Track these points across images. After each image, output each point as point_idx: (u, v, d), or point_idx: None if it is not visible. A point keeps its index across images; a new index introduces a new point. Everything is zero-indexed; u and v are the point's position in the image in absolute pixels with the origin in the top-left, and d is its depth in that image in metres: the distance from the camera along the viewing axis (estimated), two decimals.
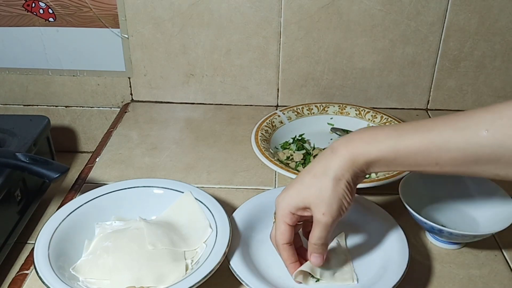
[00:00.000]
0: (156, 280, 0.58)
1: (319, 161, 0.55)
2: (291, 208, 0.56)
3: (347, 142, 0.54)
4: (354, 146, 0.53)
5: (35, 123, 0.93)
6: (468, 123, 0.50)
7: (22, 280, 0.63)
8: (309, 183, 0.54)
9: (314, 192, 0.54)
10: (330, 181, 0.53)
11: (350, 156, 0.53)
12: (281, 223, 0.57)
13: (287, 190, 0.57)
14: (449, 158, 0.50)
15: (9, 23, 1.03)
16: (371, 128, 0.55)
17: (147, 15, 1.00)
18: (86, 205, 0.67)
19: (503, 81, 1.04)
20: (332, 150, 0.54)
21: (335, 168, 0.53)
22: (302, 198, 0.55)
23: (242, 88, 1.07)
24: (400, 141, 0.51)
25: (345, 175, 0.53)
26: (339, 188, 0.53)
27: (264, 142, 0.85)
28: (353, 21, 0.98)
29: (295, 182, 0.56)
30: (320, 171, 0.54)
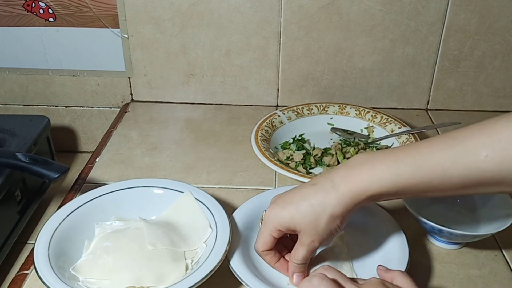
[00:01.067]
0: (156, 280, 0.58)
1: (317, 191, 0.54)
2: (280, 227, 0.56)
3: (346, 177, 0.53)
4: (354, 182, 0.52)
5: (35, 123, 0.93)
6: (467, 147, 0.48)
7: (22, 280, 0.63)
8: (305, 212, 0.54)
9: (308, 222, 0.54)
10: (326, 217, 0.53)
11: (350, 195, 0.52)
12: (267, 234, 0.57)
13: (280, 209, 0.56)
14: (451, 184, 0.49)
15: (9, 23, 1.03)
16: (369, 160, 0.53)
17: (147, 15, 1.00)
18: (86, 205, 0.67)
19: (503, 81, 1.04)
20: (332, 184, 0.53)
21: (333, 206, 0.53)
22: (295, 223, 0.54)
23: (242, 88, 1.07)
24: (400, 175, 0.51)
25: (342, 213, 0.53)
26: (334, 224, 0.54)
27: (264, 142, 0.85)
28: (353, 21, 0.98)
29: (290, 203, 0.55)
30: (317, 203, 0.53)
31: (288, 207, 0.55)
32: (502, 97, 1.05)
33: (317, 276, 0.48)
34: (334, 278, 0.49)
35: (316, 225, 0.53)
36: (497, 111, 1.07)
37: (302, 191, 0.55)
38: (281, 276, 0.61)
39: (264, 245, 0.58)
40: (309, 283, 0.48)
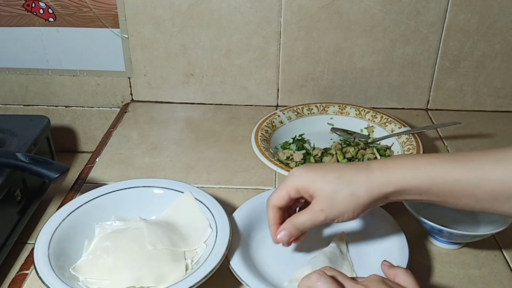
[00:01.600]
0: (156, 280, 0.58)
1: (351, 168, 0.54)
2: (300, 187, 0.56)
3: (383, 165, 0.53)
4: (389, 171, 0.52)
5: (35, 123, 0.93)
6: (509, 155, 0.49)
7: (22, 280, 0.63)
8: (329, 180, 0.54)
9: (327, 190, 0.54)
10: (346, 192, 0.53)
11: (380, 180, 0.52)
12: (284, 191, 0.57)
13: (307, 170, 0.56)
14: (487, 190, 0.49)
15: (9, 23, 1.03)
16: (411, 156, 0.55)
17: (147, 15, 1.00)
18: (86, 205, 0.67)
19: (503, 81, 1.04)
20: (367, 167, 0.54)
21: (360, 185, 0.53)
22: (314, 187, 0.54)
23: (242, 88, 1.07)
24: (438, 169, 0.51)
25: (366, 197, 0.53)
26: (351, 204, 0.53)
27: (264, 142, 0.85)
28: (353, 21, 0.98)
29: (319, 169, 0.56)
30: (346, 177, 0.53)
31: (315, 170, 0.55)
32: (502, 97, 1.05)
33: (315, 273, 0.48)
34: (332, 275, 0.49)
35: (333, 197, 0.53)
36: (497, 111, 1.07)
37: (336, 164, 0.57)
38: (281, 276, 0.61)
39: (278, 200, 0.57)
40: (308, 280, 0.48)
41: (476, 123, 1.02)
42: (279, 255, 0.64)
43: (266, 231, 0.67)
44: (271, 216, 0.59)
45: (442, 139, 0.96)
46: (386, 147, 0.88)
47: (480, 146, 0.93)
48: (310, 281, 0.48)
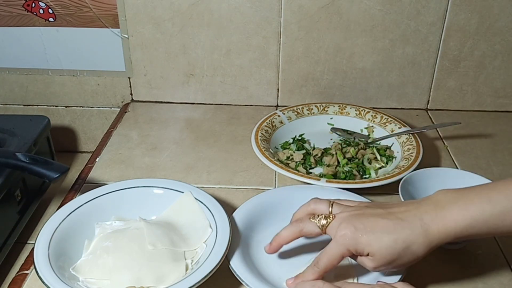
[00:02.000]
0: (156, 280, 0.58)
1: (404, 227, 0.53)
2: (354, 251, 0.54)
3: (437, 217, 0.52)
4: (445, 224, 0.52)
5: (35, 123, 0.93)
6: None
7: (22, 280, 0.63)
8: (387, 245, 0.52)
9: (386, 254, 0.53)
10: (407, 254, 0.53)
11: (439, 236, 0.52)
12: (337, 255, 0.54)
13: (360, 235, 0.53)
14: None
15: (9, 23, 1.03)
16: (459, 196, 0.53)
17: (147, 15, 1.00)
18: (86, 205, 0.67)
19: (503, 81, 1.04)
20: (421, 223, 0.52)
21: (418, 245, 0.52)
22: (370, 250, 0.53)
23: (242, 88, 1.07)
24: (494, 215, 0.51)
25: (425, 252, 0.53)
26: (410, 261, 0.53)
27: (264, 142, 0.85)
28: (353, 21, 0.98)
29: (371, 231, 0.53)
30: (402, 240, 0.52)
31: (368, 235, 0.53)
32: (502, 97, 1.05)
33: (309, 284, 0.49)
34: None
35: (393, 259, 0.53)
36: (497, 111, 1.07)
37: (387, 223, 0.53)
38: (281, 276, 0.61)
39: (330, 264, 0.55)
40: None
41: (476, 123, 1.02)
42: (279, 255, 0.64)
43: (266, 231, 0.67)
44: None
45: (442, 139, 0.96)
46: (386, 147, 0.88)
47: (480, 146, 0.93)
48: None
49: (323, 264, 0.55)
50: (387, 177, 0.75)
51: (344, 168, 0.82)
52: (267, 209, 0.69)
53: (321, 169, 0.83)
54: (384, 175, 0.77)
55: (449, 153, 0.91)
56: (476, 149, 0.92)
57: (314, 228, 0.57)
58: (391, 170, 0.80)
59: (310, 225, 0.58)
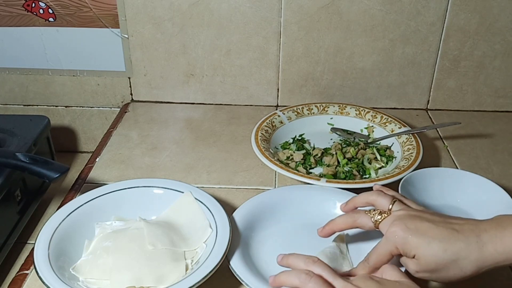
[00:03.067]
0: (156, 280, 0.58)
1: (458, 239, 0.50)
2: (401, 249, 0.52)
3: (496, 237, 0.49)
4: (504, 244, 0.48)
5: (35, 123, 0.93)
6: None
7: (22, 280, 0.63)
8: (434, 252, 0.50)
9: (431, 261, 0.50)
10: (453, 267, 0.50)
11: (495, 256, 0.49)
12: (387, 252, 0.53)
13: (410, 235, 0.51)
14: None
15: (9, 23, 1.03)
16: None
17: (147, 15, 1.00)
18: (86, 205, 0.67)
19: (503, 81, 1.04)
20: (477, 239, 0.49)
21: (469, 261, 0.49)
22: (417, 253, 0.51)
23: (242, 88, 1.07)
24: None
25: (473, 272, 0.50)
26: (454, 275, 0.51)
27: (264, 142, 0.85)
28: (353, 21, 0.98)
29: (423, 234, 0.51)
30: (453, 252, 0.50)
31: (419, 237, 0.51)
32: (502, 97, 1.05)
33: (305, 273, 0.47)
34: (320, 274, 0.48)
35: (437, 268, 0.51)
36: (497, 111, 1.07)
37: (441, 231, 0.51)
38: None
39: (379, 260, 0.54)
40: (296, 278, 0.48)
41: (476, 123, 1.02)
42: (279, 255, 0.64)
43: (266, 231, 0.67)
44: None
45: (442, 139, 0.96)
46: (386, 147, 0.88)
47: (480, 146, 0.93)
48: (299, 280, 0.47)
49: (372, 260, 0.55)
50: (387, 177, 0.75)
51: (344, 168, 0.82)
52: (267, 209, 0.69)
53: (321, 169, 0.83)
54: (384, 175, 0.77)
55: (449, 153, 0.91)
56: (476, 149, 0.92)
57: (368, 222, 0.57)
58: (391, 170, 0.80)
59: (364, 219, 0.57)
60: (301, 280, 0.47)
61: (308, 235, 0.67)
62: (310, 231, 0.67)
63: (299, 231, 0.68)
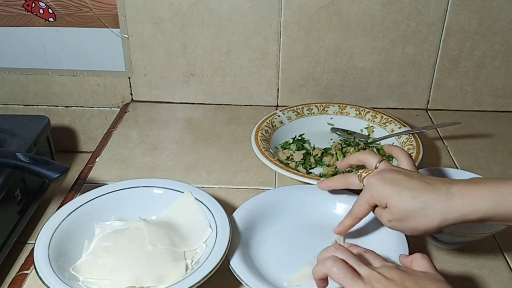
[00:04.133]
0: (156, 280, 0.58)
1: (427, 190, 0.53)
2: (375, 197, 0.56)
3: (466, 189, 0.51)
4: (472, 199, 0.50)
5: (35, 123, 0.93)
6: None
7: (22, 280, 0.63)
8: (404, 200, 0.53)
9: (400, 208, 0.54)
10: (421, 214, 0.52)
11: (461, 208, 0.51)
12: (364, 202, 0.58)
13: (384, 184, 0.56)
14: None
15: (9, 23, 1.03)
16: (494, 178, 0.52)
17: (147, 15, 1.00)
18: (86, 205, 0.67)
19: (503, 81, 1.04)
20: (447, 190, 0.52)
21: (435, 210, 0.51)
22: (388, 202, 0.55)
23: (242, 88, 1.07)
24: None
25: (439, 221, 0.52)
26: (421, 225, 0.53)
27: (264, 142, 0.85)
28: (353, 21, 0.98)
29: (396, 184, 0.55)
30: (421, 200, 0.52)
31: (391, 186, 0.55)
32: (502, 97, 1.05)
33: (330, 259, 0.48)
34: (344, 259, 0.49)
35: (405, 215, 0.53)
36: (497, 111, 1.07)
37: (413, 182, 0.54)
38: (281, 276, 0.61)
39: (360, 211, 0.59)
40: (323, 266, 0.48)
41: (476, 123, 1.02)
42: (279, 255, 0.64)
43: (266, 231, 0.67)
44: (348, 224, 0.62)
45: (442, 139, 0.96)
46: None
47: (480, 146, 0.93)
48: (325, 267, 0.48)
49: (354, 210, 0.60)
50: None
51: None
52: (267, 209, 0.69)
53: (321, 169, 0.83)
54: None
55: (449, 153, 0.91)
56: (476, 149, 0.92)
57: (355, 180, 0.62)
58: None
59: (352, 177, 0.62)
60: (327, 266, 0.48)
61: (308, 235, 0.67)
62: (310, 231, 0.68)
63: (299, 231, 0.68)
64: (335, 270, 0.47)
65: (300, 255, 0.64)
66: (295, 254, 0.64)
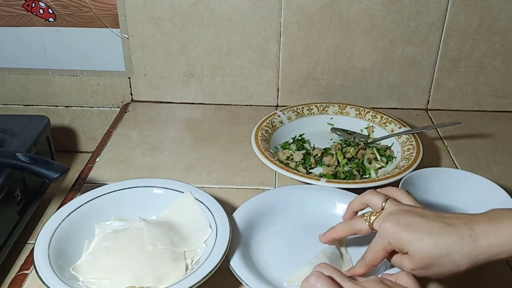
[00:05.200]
0: (156, 280, 0.58)
1: (450, 233, 0.49)
2: (394, 244, 0.52)
3: (490, 230, 0.49)
4: (497, 237, 0.48)
5: (35, 123, 0.93)
6: None
7: (22, 280, 0.63)
8: (426, 247, 0.50)
9: (423, 256, 0.50)
10: (446, 261, 0.49)
11: (488, 250, 0.48)
12: (380, 249, 0.54)
13: (401, 230, 0.52)
14: None
15: (9, 23, 1.03)
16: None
17: (147, 15, 1.00)
18: (86, 205, 0.67)
19: (503, 81, 1.04)
20: (471, 232, 0.49)
21: (462, 255, 0.49)
22: (409, 249, 0.51)
23: (242, 88, 1.07)
24: None
25: (467, 265, 0.49)
26: (448, 270, 0.50)
27: (264, 142, 0.85)
28: (353, 21, 0.98)
29: (414, 230, 0.51)
30: (445, 246, 0.49)
31: (410, 232, 0.51)
32: (502, 97, 1.05)
33: (313, 275, 0.48)
34: (330, 275, 0.49)
35: (431, 263, 0.50)
36: (497, 111, 1.07)
37: (432, 225, 0.51)
38: (281, 276, 0.61)
39: (375, 258, 0.55)
40: (307, 283, 0.48)
41: (476, 123, 1.02)
42: (279, 255, 0.64)
43: (266, 231, 0.67)
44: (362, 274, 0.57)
45: (442, 139, 0.96)
46: (386, 147, 0.88)
47: (480, 146, 0.93)
48: (309, 284, 0.48)
49: (368, 257, 0.55)
50: (387, 177, 0.75)
51: (344, 168, 0.82)
52: (267, 209, 0.69)
53: (321, 169, 0.83)
54: (384, 175, 0.77)
55: (449, 153, 0.91)
56: (476, 149, 0.92)
57: (363, 225, 0.58)
58: (391, 170, 0.80)
59: (360, 222, 0.58)
60: (311, 282, 0.47)
61: (308, 235, 0.67)
62: (310, 231, 0.67)
63: (299, 231, 0.68)
64: (319, 286, 0.47)
65: (300, 255, 0.64)
66: (295, 254, 0.64)
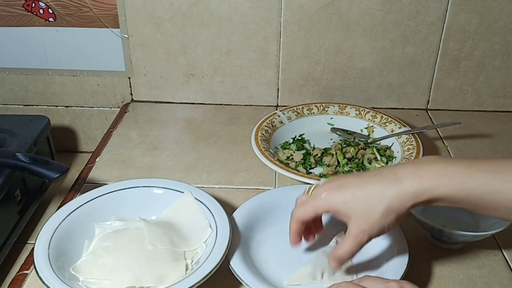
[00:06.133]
0: (156, 280, 0.58)
1: (377, 181, 0.52)
2: (331, 209, 0.54)
3: (413, 174, 0.51)
4: (420, 180, 0.50)
5: (35, 123, 0.93)
6: None
7: (22, 280, 0.63)
8: (360, 199, 0.52)
9: (361, 210, 0.52)
10: (381, 209, 0.51)
11: (413, 191, 0.50)
12: (311, 208, 0.56)
13: (335, 191, 0.54)
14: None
15: (9, 23, 1.03)
16: (441, 160, 0.52)
17: (147, 15, 1.00)
18: (86, 205, 0.67)
19: (503, 81, 1.04)
20: (395, 177, 0.51)
21: (391, 199, 0.51)
22: (347, 208, 0.53)
23: (242, 88, 1.07)
24: (473, 180, 0.48)
25: (399, 209, 0.51)
26: (387, 219, 0.52)
27: (264, 142, 0.85)
28: (353, 21, 0.98)
29: (346, 188, 0.53)
30: (375, 193, 0.51)
31: (343, 191, 0.53)
32: (502, 97, 1.05)
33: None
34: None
35: (369, 215, 0.52)
36: (497, 111, 1.07)
37: (362, 179, 0.53)
38: (281, 276, 0.61)
39: (304, 215, 0.56)
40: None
41: (476, 123, 1.02)
42: (279, 255, 0.64)
43: (266, 231, 0.67)
44: (294, 228, 0.58)
45: (442, 139, 0.96)
46: (386, 147, 0.88)
47: (480, 146, 0.93)
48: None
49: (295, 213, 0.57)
50: None
51: (344, 168, 0.82)
52: (267, 209, 0.69)
53: (321, 169, 0.83)
54: None
55: (449, 153, 0.91)
56: (476, 149, 0.92)
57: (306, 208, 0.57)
58: None
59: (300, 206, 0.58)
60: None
61: None
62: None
63: None
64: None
65: (300, 255, 0.64)
66: (295, 254, 0.64)
